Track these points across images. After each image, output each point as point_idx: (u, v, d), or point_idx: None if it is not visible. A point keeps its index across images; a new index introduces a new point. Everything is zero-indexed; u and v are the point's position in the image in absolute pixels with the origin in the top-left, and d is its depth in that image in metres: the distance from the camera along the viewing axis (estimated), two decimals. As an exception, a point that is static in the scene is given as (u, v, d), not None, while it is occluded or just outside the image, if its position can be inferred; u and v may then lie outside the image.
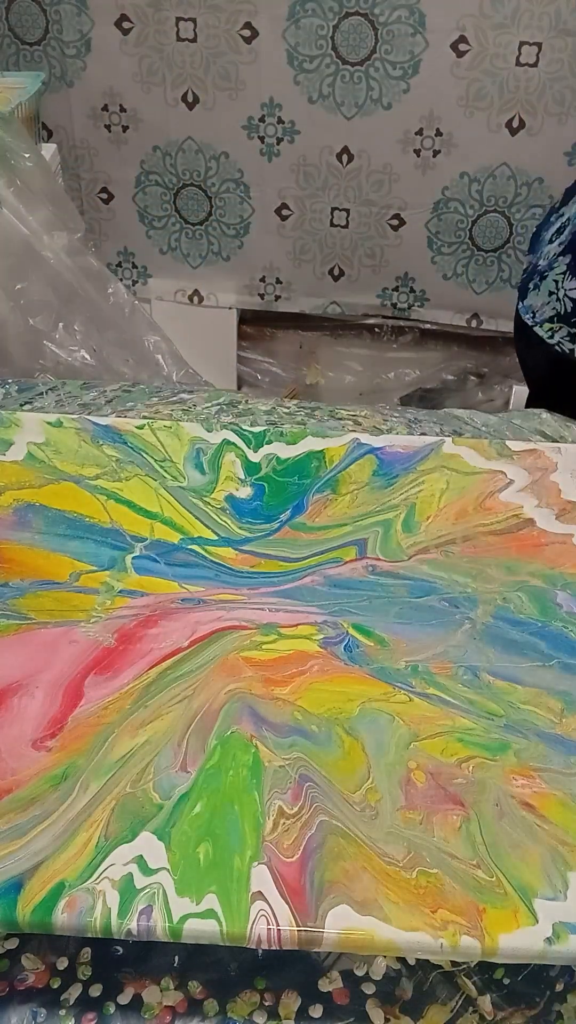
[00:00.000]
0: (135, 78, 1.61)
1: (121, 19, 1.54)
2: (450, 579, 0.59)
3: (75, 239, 1.12)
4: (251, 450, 0.68)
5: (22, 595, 0.57)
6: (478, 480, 0.66)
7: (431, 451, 0.68)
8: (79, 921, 0.41)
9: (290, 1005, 0.46)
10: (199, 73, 1.58)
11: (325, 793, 0.46)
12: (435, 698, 0.52)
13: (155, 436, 0.68)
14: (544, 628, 0.56)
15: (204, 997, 0.46)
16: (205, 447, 0.68)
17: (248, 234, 1.77)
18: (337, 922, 0.41)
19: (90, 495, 0.63)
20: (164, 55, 1.57)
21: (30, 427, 0.68)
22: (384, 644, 0.55)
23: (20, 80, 1.30)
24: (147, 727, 0.49)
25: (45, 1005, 0.46)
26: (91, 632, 0.55)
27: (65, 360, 1.07)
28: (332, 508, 0.64)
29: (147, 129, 1.68)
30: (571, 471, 0.67)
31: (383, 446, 0.68)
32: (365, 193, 1.66)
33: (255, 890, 0.42)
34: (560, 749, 0.49)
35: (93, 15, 1.54)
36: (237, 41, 1.53)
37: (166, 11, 1.51)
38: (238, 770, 0.47)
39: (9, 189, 1.04)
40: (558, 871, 0.44)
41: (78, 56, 1.60)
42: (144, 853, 0.43)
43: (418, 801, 0.46)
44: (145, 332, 1.19)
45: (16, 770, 0.47)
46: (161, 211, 1.79)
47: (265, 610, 0.57)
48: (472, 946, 0.41)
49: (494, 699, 0.52)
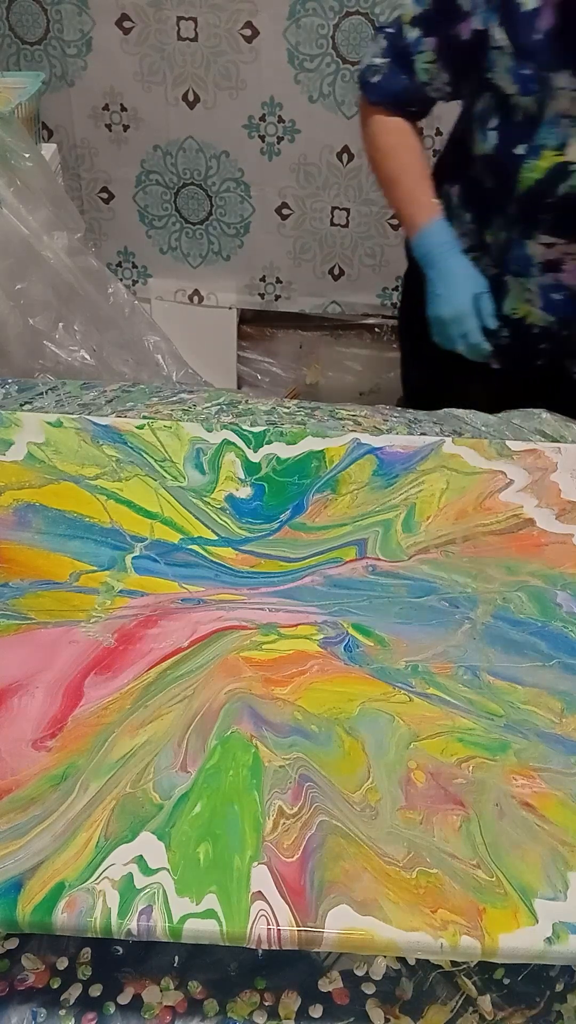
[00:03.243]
0: (136, 77, 1.61)
1: (122, 18, 1.54)
2: (450, 579, 0.59)
3: (75, 239, 1.12)
4: (251, 450, 0.68)
5: (22, 595, 0.57)
6: (478, 480, 0.66)
7: (431, 451, 0.68)
8: (79, 921, 0.41)
9: (290, 1005, 0.46)
10: (200, 72, 1.58)
11: (325, 793, 0.46)
12: (435, 698, 0.52)
13: (155, 436, 0.68)
14: (544, 628, 0.56)
15: (204, 997, 0.46)
16: (205, 447, 0.68)
17: (248, 233, 1.77)
18: (337, 922, 0.41)
19: (90, 495, 0.63)
20: (165, 54, 1.57)
21: (30, 427, 0.68)
22: (384, 644, 0.55)
23: (20, 80, 1.30)
24: (147, 727, 0.49)
25: (45, 1005, 0.46)
26: (91, 632, 0.55)
27: (65, 360, 1.07)
28: (332, 508, 0.64)
29: (147, 128, 1.68)
30: (571, 471, 0.67)
31: (383, 446, 0.68)
32: (365, 192, 1.66)
33: (255, 890, 0.42)
34: (560, 749, 0.49)
35: (94, 14, 1.54)
36: (238, 40, 1.52)
37: (167, 10, 1.51)
38: (238, 770, 0.47)
39: (9, 189, 1.04)
40: (558, 871, 0.44)
41: (79, 55, 1.60)
42: (144, 853, 0.43)
43: (418, 801, 0.46)
44: (145, 332, 1.19)
45: (16, 770, 0.47)
46: (161, 211, 1.79)
47: (265, 610, 0.57)
48: (472, 946, 0.41)
49: (494, 699, 0.52)
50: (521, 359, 0.94)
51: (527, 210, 0.83)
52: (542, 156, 0.78)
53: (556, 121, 0.76)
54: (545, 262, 0.84)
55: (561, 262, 0.83)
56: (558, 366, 0.93)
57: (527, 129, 0.79)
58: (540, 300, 0.87)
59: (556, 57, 0.74)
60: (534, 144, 0.78)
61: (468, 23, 0.77)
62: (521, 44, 0.75)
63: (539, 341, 0.91)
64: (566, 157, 0.77)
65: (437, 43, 0.81)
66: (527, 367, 0.94)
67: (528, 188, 0.81)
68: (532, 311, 0.88)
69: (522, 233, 0.84)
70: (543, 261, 0.84)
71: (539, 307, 0.88)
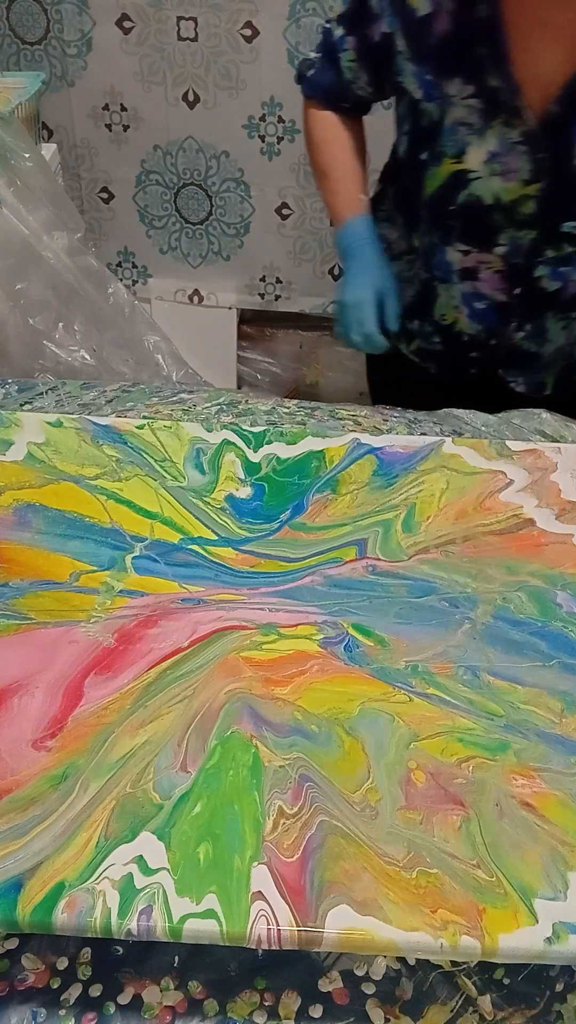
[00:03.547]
0: (136, 77, 1.61)
1: (122, 18, 1.54)
2: (450, 579, 0.59)
3: (75, 239, 1.12)
4: (251, 450, 0.68)
5: (22, 595, 0.57)
6: (478, 480, 0.66)
7: (431, 451, 0.68)
8: (79, 921, 0.41)
9: (290, 1005, 0.46)
10: (200, 72, 1.58)
11: (325, 793, 0.46)
12: (435, 698, 0.52)
13: (155, 436, 0.68)
14: (544, 628, 0.56)
15: (204, 997, 0.46)
16: (205, 447, 0.68)
17: (248, 233, 1.77)
18: (337, 922, 0.41)
19: (90, 495, 0.63)
20: (165, 54, 1.57)
21: (30, 427, 0.68)
22: (384, 644, 0.55)
23: (20, 80, 1.30)
24: (147, 727, 0.49)
25: (45, 1005, 0.46)
26: (91, 632, 0.55)
27: (65, 360, 1.07)
28: (332, 508, 0.64)
29: (147, 128, 1.68)
30: (571, 471, 0.67)
31: (383, 446, 0.68)
32: (365, 192, 1.66)
33: (255, 890, 0.42)
34: (560, 749, 0.49)
35: (94, 14, 1.54)
36: (238, 40, 1.53)
37: (167, 10, 1.51)
38: (238, 770, 0.47)
39: (9, 189, 1.04)
40: (558, 871, 0.44)
41: (79, 55, 1.60)
42: (144, 853, 0.43)
43: (418, 801, 0.46)
44: (145, 332, 1.19)
45: (16, 770, 0.47)
46: (161, 211, 1.79)
47: (265, 610, 0.57)
48: (472, 946, 0.41)
49: (494, 699, 0.52)
50: (454, 367, 0.93)
51: (435, 216, 0.82)
52: (442, 163, 0.78)
53: (455, 129, 0.75)
54: (463, 269, 0.83)
55: (477, 270, 0.82)
56: (493, 376, 0.92)
57: (431, 135, 0.78)
58: (465, 308, 0.86)
59: (448, 63, 0.73)
60: (435, 151, 0.78)
61: (379, 25, 0.77)
62: (416, 49, 0.74)
63: (469, 349, 0.90)
64: (464, 165, 0.76)
65: (356, 42, 0.81)
66: (463, 375, 0.93)
67: (431, 195, 0.80)
68: (460, 318, 0.88)
69: (440, 239, 0.84)
70: (461, 268, 0.84)
71: (466, 315, 0.87)
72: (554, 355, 0.88)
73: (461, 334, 0.89)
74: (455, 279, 0.84)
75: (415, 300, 0.92)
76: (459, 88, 0.73)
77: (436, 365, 0.94)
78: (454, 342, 0.90)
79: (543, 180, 0.74)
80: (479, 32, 0.70)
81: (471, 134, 0.75)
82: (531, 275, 0.81)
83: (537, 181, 0.74)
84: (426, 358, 0.95)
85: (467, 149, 0.76)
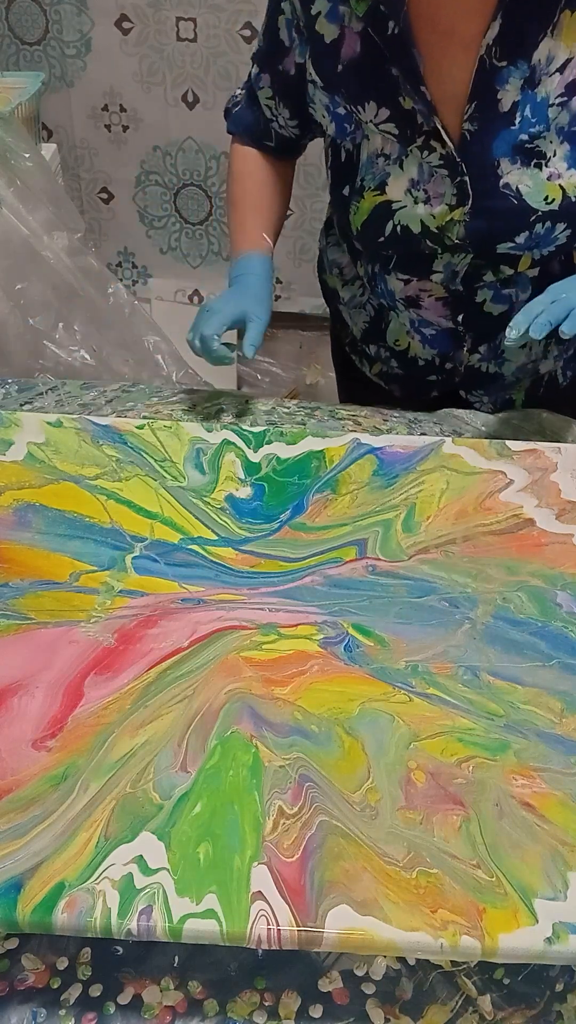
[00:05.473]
0: (135, 78, 1.61)
1: (121, 19, 1.54)
2: (450, 579, 0.59)
3: (75, 239, 1.12)
4: (251, 450, 0.68)
5: (22, 595, 0.57)
6: (478, 480, 0.66)
7: (431, 451, 0.68)
8: (79, 921, 0.41)
9: (290, 1005, 0.46)
10: (199, 73, 1.58)
11: (325, 793, 0.46)
12: (435, 698, 0.52)
13: (155, 436, 0.69)
14: (544, 628, 0.56)
15: (204, 997, 0.46)
16: (205, 447, 0.68)
17: (248, 234, 1.77)
18: (337, 922, 0.41)
19: (90, 495, 0.63)
20: (164, 55, 1.57)
21: (30, 427, 0.68)
22: (384, 644, 0.55)
23: (20, 80, 1.31)
24: (147, 727, 0.49)
25: (45, 1005, 0.46)
26: (91, 632, 0.55)
27: (65, 360, 1.07)
28: (332, 508, 0.64)
29: (147, 129, 1.68)
30: (571, 471, 0.67)
31: (383, 446, 0.68)
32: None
33: (255, 890, 0.42)
34: (560, 749, 0.49)
35: (93, 15, 1.54)
36: (237, 41, 1.53)
37: (166, 11, 1.51)
38: (238, 770, 0.47)
39: (9, 189, 1.04)
40: (558, 871, 0.44)
41: (78, 56, 1.60)
42: (144, 853, 0.43)
43: (418, 801, 0.46)
44: (145, 332, 1.19)
45: (16, 770, 0.47)
46: (161, 211, 1.79)
47: (265, 610, 0.57)
48: (472, 946, 0.41)
49: (494, 699, 0.52)
50: (416, 390, 0.92)
51: (368, 248, 0.81)
52: (365, 197, 0.76)
53: (373, 162, 0.74)
54: (405, 298, 0.82)
55: (419, 298, 0.81)
56: (456, 397, 0.91)
57: (349, 170, 0.77)
58: (416, 335, 0.85)
59: (360, 87, 0.71)
60: (356, 185, 0.76)
61: (291, 57, 0.75)
62: (327, 77, 0.72)
63: (426, 373, 0.89)
64: (387, 196, 0.74)
65: (271, 80, 0.79)
66: (424, 399, 0.92)
67: (359, 229, 0.79)
68: (413, 343, 0.87)
69: (380, 269, 0.82)
70: (404, 297, 0.82)
71: (418, 340, 0.86)
72: (517, 372, 0.86)
73: (416, 359, 0.88)
74: (400, 307, 0.84)
75: (369, 326, 0.91)
76: (373, 113, 0.71)
77: (398, 388, 0.94)
78: (411, 367, 0.89)
79: (469, 203, 0.72)
80: (389, 51, 0.68)
81: (389, 164, 0.73)
82: (473, 300, 0.79)
83: (463, 204, 0.72)
84: (388, 381, 0.94)
85: (388, 180, 0.74)
